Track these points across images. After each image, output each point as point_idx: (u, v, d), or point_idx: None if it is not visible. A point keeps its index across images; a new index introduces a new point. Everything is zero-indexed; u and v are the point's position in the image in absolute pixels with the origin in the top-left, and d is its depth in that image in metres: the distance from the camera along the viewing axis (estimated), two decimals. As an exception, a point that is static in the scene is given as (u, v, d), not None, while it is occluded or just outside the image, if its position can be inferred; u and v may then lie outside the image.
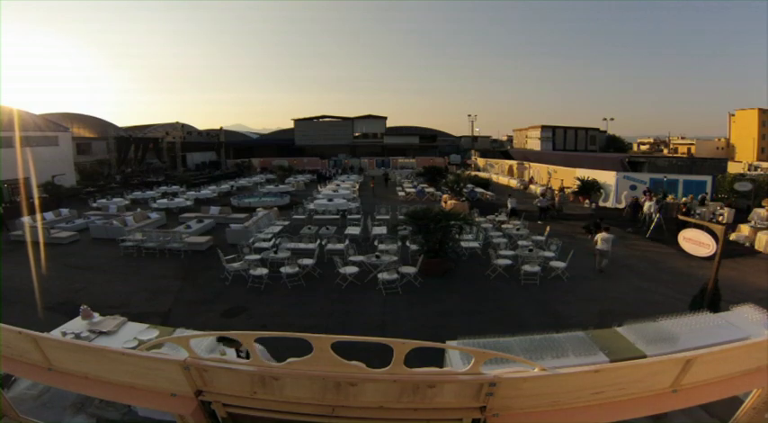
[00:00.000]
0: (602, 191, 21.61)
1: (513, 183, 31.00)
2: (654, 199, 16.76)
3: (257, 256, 10.83)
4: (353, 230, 13.96)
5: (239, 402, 2.38)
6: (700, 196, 18.62)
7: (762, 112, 50.95)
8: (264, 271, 9.92)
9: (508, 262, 10.52)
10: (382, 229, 13.80)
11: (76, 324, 6.10)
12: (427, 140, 55.58)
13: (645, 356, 4.71)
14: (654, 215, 15.27)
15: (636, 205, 17.32)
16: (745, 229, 13.70)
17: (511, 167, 35.76)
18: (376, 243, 12.18)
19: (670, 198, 19.01)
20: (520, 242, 12.15)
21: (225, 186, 28.12)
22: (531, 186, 27.79)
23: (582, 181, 22.22)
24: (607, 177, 21.78)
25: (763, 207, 15.53)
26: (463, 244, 11.95)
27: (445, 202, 19.10)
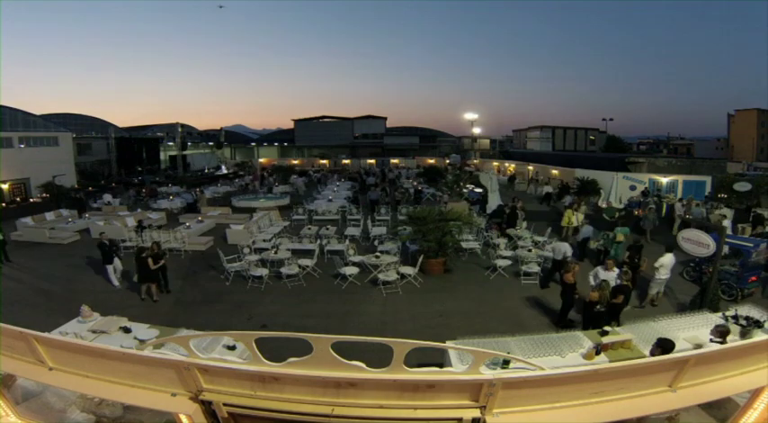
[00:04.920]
0: (601, 191, 21.59)
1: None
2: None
3: (257, 257, 10.84)
4: (353, 231, 13.97)
5: (240, 402, 2.38)
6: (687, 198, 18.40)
7: (761, 112, 50.91)
8: (265, 271, 9.92)
9: (508, 262, 10.52)
10: (382, 230, 13.81)
11: (76, 324, 6.11)
12: (427, 141, 55.59)
13: (645, 356, 4.72)
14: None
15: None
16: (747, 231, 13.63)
17: (511, 168, 35.76)
18: (376, 243, 12.19)
19: (670, 198, 19.00)
20: (520, 242, 12.15)
21: (225, 187, 28.10)
22: (531, 186, 27.83)
23: (581, 181, 22.22)
24: (606, 177, 21.77)
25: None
26: (463, 244, 11.95)
27: (445, 204, 18.94)
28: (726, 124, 55.50)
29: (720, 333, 4.95)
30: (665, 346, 4.61)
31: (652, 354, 4.65)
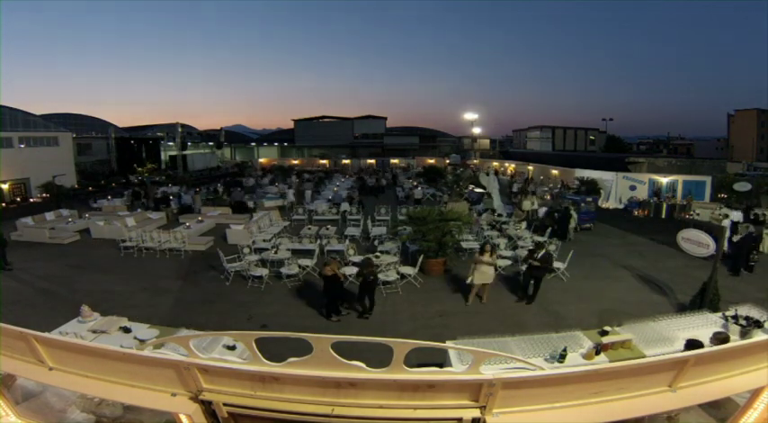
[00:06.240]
0: (602, 191, 21.62)
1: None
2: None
3: (257, 257, 10.84)
4: (353, 231, 13.97)
5: (240, 402, 2.39)
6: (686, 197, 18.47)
7: (761, 112, 50.88)
8: (265, 271, 9.92)
9: (508, 262, 10.52)
10: (382, 230, 13.80)
11: (76, 324, 6.10)
12: (427, 141, 55.60)
13: (644, 356, 4.71)
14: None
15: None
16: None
17: (510, 168, 35.78)
18: (376, 243, 12.19)
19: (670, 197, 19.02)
20: (520, 242, 12.15)
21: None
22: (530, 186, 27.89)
23: (581, 181, 22.25)
24: (606, 177, 21.79)
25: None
26: (463, 244, 11.95)
27: (445, 204, 18.86)
28: (726, 124, 55.47)
29: (720, 340, 4.78)
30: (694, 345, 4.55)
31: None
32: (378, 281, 8.80)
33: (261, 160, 48.66)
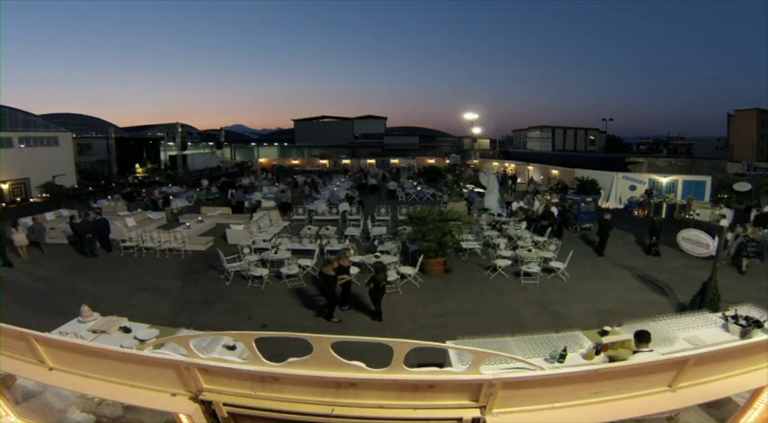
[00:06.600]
0: (601, 191, 21.62)
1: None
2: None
3: (257, 257, 10.84)
4: (353, 231, 13.97)
5: (240, 402, 2.39)
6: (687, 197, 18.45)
7: (761, 112, 50.88)
8: (265, 271, 9.92)
9: (508, 262, 10.52)
10: (382, 230, 13.80)
11: (76, 324, 6.10)
12: (427, 141, 55.61)
13: (644, 356, 4.70)
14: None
15: None
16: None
17: (510, 168, 35.75)
18: (376, 243, 12.19)
19: (670, 197, 19.03)
20: (519, 242, 12.15)
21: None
22: (530, 186, 27.89)
23: (581, 181, 22.24)
24: (606, 177, 21.79)
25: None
26: (463, 244, 11.95)
27: (445, 204, 18.87)
28: (726, 124, 55.47)
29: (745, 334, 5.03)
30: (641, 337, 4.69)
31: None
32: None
33: (261, 160, 48.66)
